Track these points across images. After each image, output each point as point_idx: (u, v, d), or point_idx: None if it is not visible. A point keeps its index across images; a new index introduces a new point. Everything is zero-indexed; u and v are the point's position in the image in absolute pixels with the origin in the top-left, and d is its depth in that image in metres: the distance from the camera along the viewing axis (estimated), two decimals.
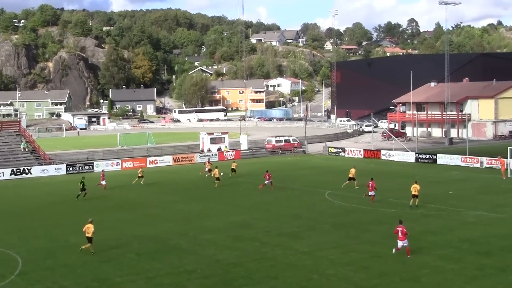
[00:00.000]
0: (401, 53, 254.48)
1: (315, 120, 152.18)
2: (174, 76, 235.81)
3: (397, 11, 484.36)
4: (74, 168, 69.31)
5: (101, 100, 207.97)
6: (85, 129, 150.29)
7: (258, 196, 49.32)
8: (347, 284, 25.94)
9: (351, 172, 51.70)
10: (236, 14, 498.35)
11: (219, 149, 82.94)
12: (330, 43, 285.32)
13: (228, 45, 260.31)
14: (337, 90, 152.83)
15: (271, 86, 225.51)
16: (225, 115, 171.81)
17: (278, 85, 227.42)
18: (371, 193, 44.47)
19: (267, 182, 51.62)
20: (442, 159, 68.83)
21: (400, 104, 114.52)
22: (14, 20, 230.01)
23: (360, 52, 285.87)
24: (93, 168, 69.66)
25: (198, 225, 38.40)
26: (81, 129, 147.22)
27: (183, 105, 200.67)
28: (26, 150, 75.05)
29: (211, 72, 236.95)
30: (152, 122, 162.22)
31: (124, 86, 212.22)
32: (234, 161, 64.84)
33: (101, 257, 30.99)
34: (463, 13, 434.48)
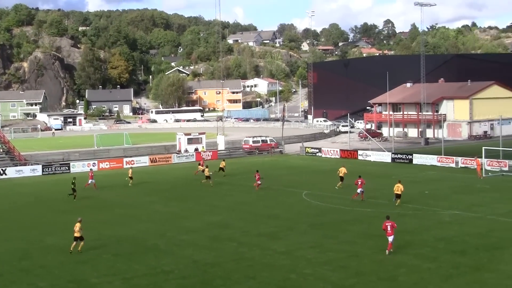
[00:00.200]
0: (377, 54, 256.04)
1: (292, 120, 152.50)
2: (150, 76, 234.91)
3: (373, 12, 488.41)
4: (49, 169, 68.72)
5: (77, 101, 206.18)
6: (60, 129, 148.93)
7: (236, 197, 49.42)
8: (325, 283, 26.07)
9: (341, 171, 51.94)
10: (212, 14, 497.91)
11: (196, 149, 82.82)
12: (307, 44, 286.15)
13: (205, 45, 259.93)
14: (314, 91, 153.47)
15: (248, 86, 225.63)
16: (202, 116, 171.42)
17: (255, 86, 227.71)
18: (359, 190, 44.72)
19: (259, 182, 52.00)
20: (418, 159, 69.40)
21: (377, 105, 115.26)
22: None
23: (336, 52, 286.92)
24: (69, 169, 69.16)
25: (176, 226, 38.33)
26: (56, 129, 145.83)
27: (160, 105, 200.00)
28: (1, 151, 74.32)
29: (188, 73, 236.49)
30: (129, 123, 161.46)
31: (100, 86, 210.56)
32: (223, 160, 65.45)
33: (78, 258, 30.82)
34: (438, 14, 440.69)
